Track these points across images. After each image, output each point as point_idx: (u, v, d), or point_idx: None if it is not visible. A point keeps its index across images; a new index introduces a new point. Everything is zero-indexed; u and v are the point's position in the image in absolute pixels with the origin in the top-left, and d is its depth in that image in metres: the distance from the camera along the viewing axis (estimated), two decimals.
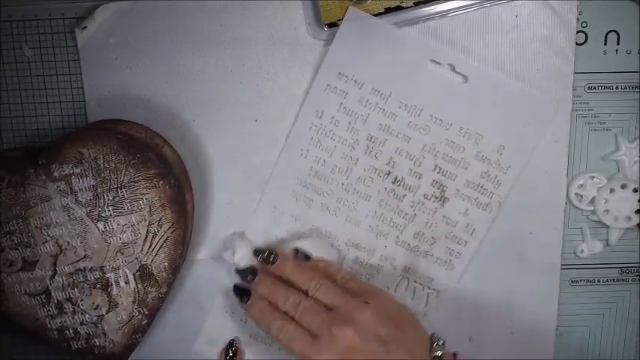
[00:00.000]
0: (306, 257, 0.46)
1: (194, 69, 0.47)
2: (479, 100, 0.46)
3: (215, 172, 0.48)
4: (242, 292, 0.45)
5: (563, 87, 0.46)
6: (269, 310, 0.43)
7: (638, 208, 0.48)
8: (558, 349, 0.50)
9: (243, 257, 0.46)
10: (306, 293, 0.43)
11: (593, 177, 0.48)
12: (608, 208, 0.48)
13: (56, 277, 0.44)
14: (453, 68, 0.46)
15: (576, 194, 0.48)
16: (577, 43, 0.46)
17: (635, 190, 0.47)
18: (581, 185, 0.48)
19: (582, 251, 0.49)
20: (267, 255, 0.45)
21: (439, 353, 0.40)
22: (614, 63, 0.47)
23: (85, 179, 0.43)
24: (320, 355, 0.40)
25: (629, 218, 0.48)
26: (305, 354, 0.40)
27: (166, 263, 0.45)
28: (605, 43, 0.47)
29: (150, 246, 0.44)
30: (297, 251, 0.46)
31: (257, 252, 0.46)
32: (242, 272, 0.46)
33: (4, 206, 0.43)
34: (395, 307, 0.43)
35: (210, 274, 0.49)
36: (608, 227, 0.48)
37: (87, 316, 0.45)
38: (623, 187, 0.48)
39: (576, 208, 0.48)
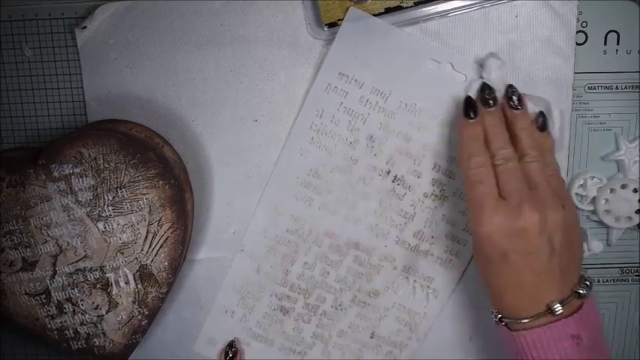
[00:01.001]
0: (543, 127, 0.42)
1: (194, 69, 0.47)
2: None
3: (215, 172, 0.48)
4: (471, 107, 0.42)
5: (563, 87, 0.46)
6: (481, 140, 0.41)
7: (638, 208, 0.48)
8: None
9: (497, 80, 0.43)
10: (521, 157, 0.41)
11: (593, 177, 0.48)
12: (609, 208, 0.48)
13: (56, 277, 0.44)
14: (453, 67, 0.46)
15: (576, 194, 0.48)
16: (577, 43, 0.46)
17: (635, 190, 0.47)
18: (581, 185, 0.48)
19: (582, 251, 0.49)
20: (516, 97, 0.42)
21: (581, 291, 0.40)
22: (614, 63, 0.47)
23: (84, 179, 0.43)
24: (496, 213, 0.39)
25: (629, 218, 0.48)
26: (483, 203, 0.39)
27: (166, 263, 0.45)
28: (605, 43, 0.47)
29: (150, 246, 0.44)
30: (541, 114, 0.43)
31: (509, 89, 0.43)
32: (485, 88, 0.43)
33: (4, 206, 0.43)
34: (578, 229, 0.42)
35: (210, 274, 0.49)
36: (608, 227, 0.48)
37: (87, 316, 0.45)
38: (623, 187, 0.47)
39: (576, 208, 0.48)
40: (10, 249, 0.44)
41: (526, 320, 0.39)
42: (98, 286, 0.44)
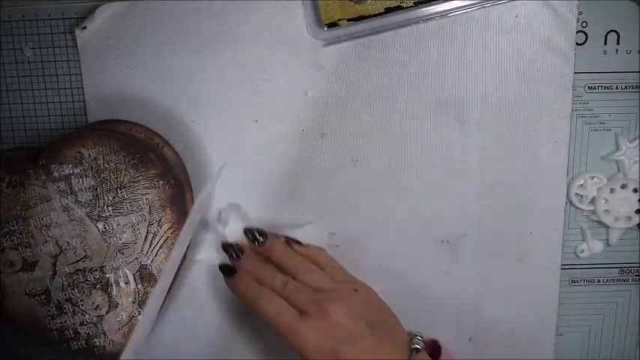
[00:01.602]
0: (298, 242, 0.45)
1: (194, 69, 0.47)
2: None
3: (215, 172, 0.48)
4: (229, 269, 0.44)
5: (563, 87, 0.46)
6: (256, 284, 0.42)
7: (638, 208, 0.48)
8: (558, 349, 0.50)
9: (233, 232, 0.45)
10: (294, 277, 0.42)
11: (593, 177, 0.48)
12: (608, 208, 0.48)
13: (56, 277, 0.44)
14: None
15: (576, 194, 0.48)
16: (577, 43, 0.46)
17: (635, 190, 0.47)
18: (581, 185, 0.48)
19: (582, 251, 0.49)
20: (257, 234, 0.45)
21: (418, 346, 0.41)
22: (614, 63, 0.47)
23: (84, 179, 0.43)
24: (308, 326, 0.39)
25: (629, 218, 0.48)
26: (292, 328, 0.39)
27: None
28: (605, 43, 0.47)
29: (150, 246, 0.44)
30: (287, 238, 0.45)
31: (247, 231, 0.45)
32: (228, 248, 0.45)
33: (4, 206, 0.43)
34: (380, 300, 0.44)
35: (210, 274, 0.49)
36: (608, 227, 0.49)
37: (87, 316, 0.45)
38: (623, 187, 0.48)
39: (576, 208, 0.48)
40: (10, 249, 0.44)
41: None
42: (98, 286, 0.44)
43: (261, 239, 0.44)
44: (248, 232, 0.45)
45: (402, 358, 0.40)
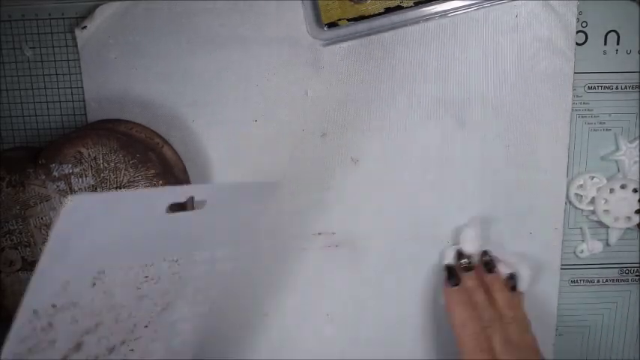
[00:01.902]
0: (514, 287, 0.45)
1: (194, 69, 0.47)
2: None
3: (215, 172, 0.48)
4: (453, 274, 0.45)
5: (563, 87, 0.46)
6: (470, 307, 0.43)
7: (637, 208, 0.48)
8: (558, 349, 0.50)
9: (472, 247, 0.46)
10: (499, 317, 0.43)
11: (593, 177, 0.48)
12: (608, 209, 0.48)
13: None
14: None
15: (576, 194, 0.48)
16: (577, 43, 0.46)
17: (635, 190, 0.47)
18: (581, 185, 0.48)
19: (582, 251, 0.49)
20: (489, 260, 0.46)
21: None
22: (614, 63, 0.47)
23: (84, 179, 0.43)
24: None
25: (628, 218, 0.48)
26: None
27: None
28: (605, 43, 0.47)
29: None
30: (511, 277, 0.45)
31: (484, 254, 0.46)
32: (453, 269, 0.46)
33: (4, 206, 0.43)
34: None
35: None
36: (608, 227, 0.48)
37: None
38: (623, 187, 0.47)
39: (576, 208, 0.48)
40: (10, 249, 0.44)
41: None
42: None
43: (491, 267, 0.45)
44: (485, 256, 0.46)
45: None
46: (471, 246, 0.46)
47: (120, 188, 0.43)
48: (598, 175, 0.48)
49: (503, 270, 0.45)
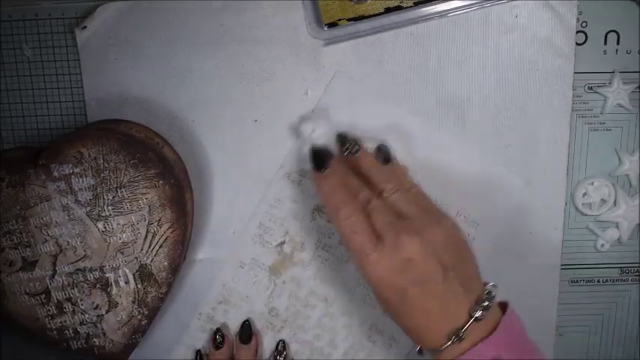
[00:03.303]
0: (387, 159, 0.42)
1: (194, 69, 0.47)
2: None
3: (215, 172, 0.48)
4: (321, 159, 0.41)
5: (563, 87, 0.46)
6: (342, 190, 0.40)
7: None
8: (558, 349, 0.50)
9: (322, 135, 0.44)
10: (379, 194, 0.41)
11: (593, 182, 0.48)
12: (613, 216, 0.48)
13: (56, 276, 0.44)
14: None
15: (584, 204, 0.48)
16: (577, 43, 0.46)
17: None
18: (585, 194, 0.48)
19: (602, 245, 0.49)
20: (350, 145, 0.42)
21: (486, 304, 0.38)
22: (614, 63, 0.47)
23: (84, 179, 0.43)
24: (380, 256, 0.38)
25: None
26: (364, 250, 0.38)
27: (166, 263, 0.45)
28: (605, 43, 0.47)
29: (150, 246, 0.44)
30: (380, 149, 0.43)
31: (340, 138, 0.43)
32: (317, 152, 0.42)
33: (4, 206, 0.43)
34: (462, 238, 0.40)
35: (210, 274, 0.49)
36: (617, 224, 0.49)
37: (87, 316, 0.45)
38: (629, 195, 0.48)
39: (587, 215, 0.49)
40: (10, 249, 0.44)
41: (443, 347, 0.37)
42: (98, 285, 0.44)
43: (355, 147, 0.42)
44: (341, 137, 0.43)
45: (470, 312, 0.37)
46: (324, 137, 0.43)
47: (120, 188, 0.43)
48: (598, 178, 0.48)
49: (368, 145, 0.43)
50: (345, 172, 0.42)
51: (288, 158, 0.47)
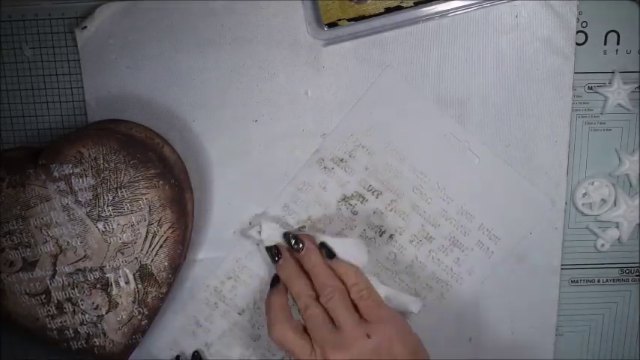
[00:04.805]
0: (330, 255, 0.44)
1: (194, 69, 0.47)
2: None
3: (215, 172, 0.48)
4: (272, 254, 0.46)
5: (563, 87, 0.46)
6: (299, 279, 0.44)
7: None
8: (558, 349, 0.50)
9: (270, 236, 0.46)
10: (318, 296, 0.43)
11: (593, 182, 0.48)
12: (614, 216, 0.48)
13: (56, 277, 0.44)
14: (469, 147, 0.47)
15: (584, 204, 0.48)
16: (577, 43, 0.46)
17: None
18: (585, 194, 0.48)
19: (603, 245, 0.49)
20: (294, 242, 0.45)
21: None
22: (614, 63, 0.47)
23: (84, 179, 0.43)
24: None
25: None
26: (302, 352, 0.41)
27: (166, 263, 0.45)
28: (605, 43, 0.47)
29: (150, 246, 0.44)
30: (322, 245, 0.44)
31: (285, 235, 0.46)
32: (269, 250, 0.46)
33: (4, 206, 0.43)
34: (399, 346, 0.41)
35: (210, 274, 0.49)
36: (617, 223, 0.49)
37: (87, 316, 0.45)
38: (629, 195, 0.48)
39: (587, 215, 0.48)
40: (10, 249, 0.44)
41: None
42: (98, 286, 0.44)
43: (298, 246, 0.45)
44: (286, 236, 0.46)
45: None
46: (272, 237, 0.46)
47: (120, 188, 0.43)
48: (598, 178, 0.48)
49: (311, 245, 0.45)
50: (291, 273, 0.44)
51: (326, 142, 0.47)
